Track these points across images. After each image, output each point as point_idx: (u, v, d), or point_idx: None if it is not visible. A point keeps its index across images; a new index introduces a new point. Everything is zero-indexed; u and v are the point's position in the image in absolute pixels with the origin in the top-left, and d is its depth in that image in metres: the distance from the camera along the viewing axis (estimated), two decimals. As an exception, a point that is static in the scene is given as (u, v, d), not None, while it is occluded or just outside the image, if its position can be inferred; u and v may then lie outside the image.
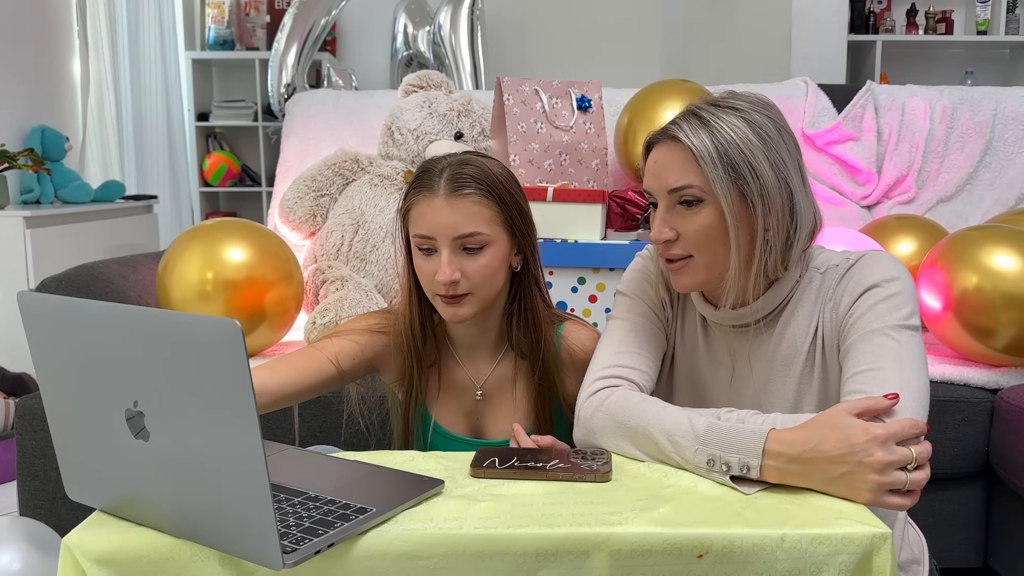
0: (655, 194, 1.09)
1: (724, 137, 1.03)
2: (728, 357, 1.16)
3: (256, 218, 4.07)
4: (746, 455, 0.92)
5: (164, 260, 1.91)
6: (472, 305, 1.18)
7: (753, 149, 1.03)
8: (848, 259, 1.11)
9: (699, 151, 1.03)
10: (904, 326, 1.02)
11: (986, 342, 1.75)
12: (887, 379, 0.98)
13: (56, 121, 3.30)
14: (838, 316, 1.08)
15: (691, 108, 1.08)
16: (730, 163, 1.03)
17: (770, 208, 1.04)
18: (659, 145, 1.09)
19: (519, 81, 2.18)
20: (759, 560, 0.81)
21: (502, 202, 1.18)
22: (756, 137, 1.03)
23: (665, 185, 1.07)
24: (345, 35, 4.61)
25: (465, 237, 1.15)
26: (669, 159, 1.07)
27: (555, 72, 2.76)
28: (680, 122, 1.06)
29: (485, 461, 0.99)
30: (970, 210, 2.46)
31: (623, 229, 2.09)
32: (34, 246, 2.61)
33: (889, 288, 1.04)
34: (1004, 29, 4.34)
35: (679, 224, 1.07)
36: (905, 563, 1.17)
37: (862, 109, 2.54)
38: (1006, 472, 1.71)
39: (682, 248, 1.08)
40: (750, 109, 1.06)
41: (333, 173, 2.34)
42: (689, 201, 1.06)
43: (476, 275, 1.16)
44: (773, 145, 1.04)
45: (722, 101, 1.07)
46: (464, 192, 1.16)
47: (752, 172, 1.03)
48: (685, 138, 1.04)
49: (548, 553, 0.81)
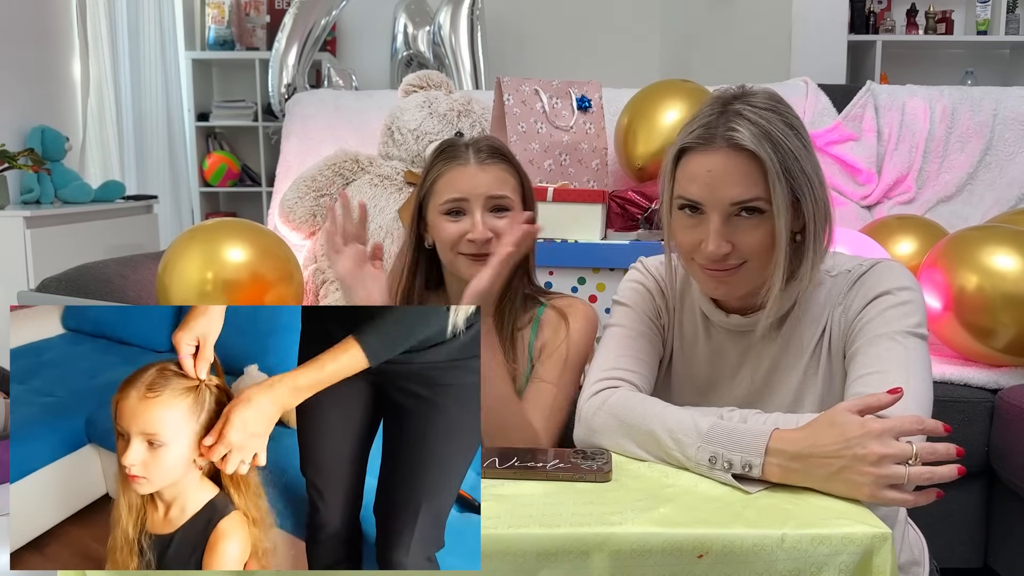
0: (708, 205, 1.01)
1: (784, 146, 0.98)
2: (730, 358, 1.16)
3: (256, 218, 4.07)
4: (749, 454, 0.92)
5: (164, 260, 1.91)
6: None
7: (801, 156, 1.00)
8: (861, 265, 1.10)
9: (769, 165, 0.97)
10: (912, 333, 1.02)
11: (986, 342, 1.75)
12: (891, 383, 0.98)
13: (56, 121, 3.29)
14: (847, 320, 1.08)
15: (730, 107, 1.00)
16: (789, 173, 0.99)
17: (817, 215, 1.02)
18: (711, 151, 1.00)
19: (519, 81, 2.18)
20: (759, 560, 0.81)
21: (520, 175, 1.31)
22: (799, 142, 1.00)
23: (727, 197, 1.00)
24: (345, 35, 4.61)
25: (497, 198, 1.26)
26: (731, 169, 0.99)
27: (555, 72, 2.76)
28: (735, 126, 0.98)
29: (485, 461, 0.99)
30: (970, 210, 2.46)
31: (623, 229, 2.09)
32: (34, 246, 2.61)
33: (900, 296, 1.04)
34: (1004, 29, 4.34)
35: (736, 236, 1.02)
36: (905, 564, 1.17)
37: (862, 109, 2.54)
38: (1006, 472, 1.71)
39: (737, 257, 1.03)
40: (783, 109, 1.02)
41: (333, 173, 2.34)
42: (750, 210, 1.00)
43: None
44: (809, 147, 1.02)
45: (757, 100, 1.01)
46: (494, 159, 1.28)
47: (807, 180, 1.00)
48: (755, 148, 0.97)
49: (548, 553, 0.81)
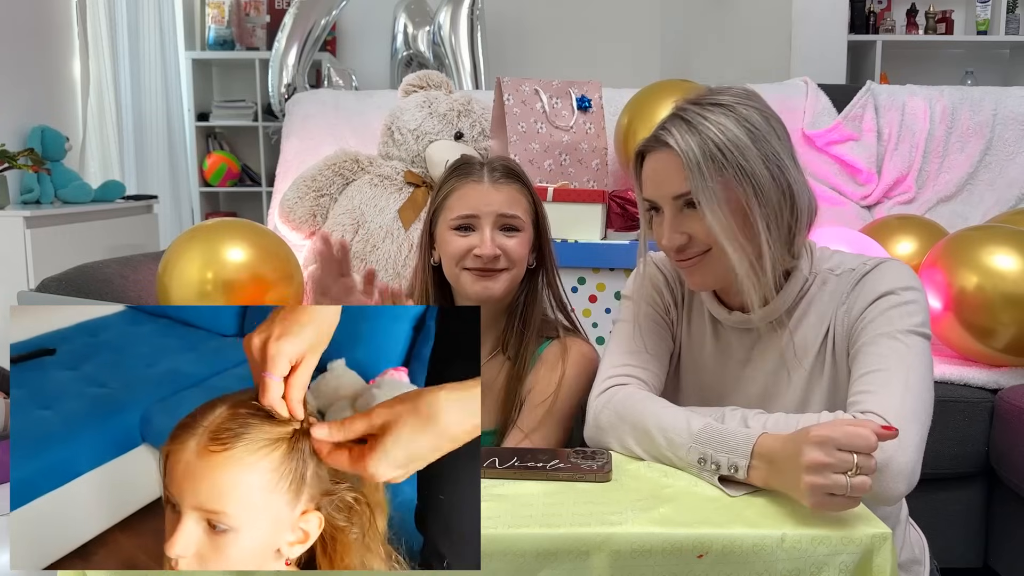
0: (659, 201, 1.08)
1: (713, 139, 1.02)
2: (737, 356, 1.16)
3: (256, 218, 4.07)
4: (735, 455, 0.93)
5: (164, 260, 1.91)
6: (504, 282, 1.27)
7: (742, 147, 1.02)
8: (865, 264, 1.10)
9: (686, 158, 1.02)
10: (915, 332, 1.02)
11: (986, 342, 1.75)
12: (892, 380, 0.98)
13: (56, 121, 3.29)
14: (850, 319, 1.08)
15: (677, 110, 1.07)
16: (720, 165, 1.02)
17: (767, 203, 1.03)
18: (653, 152, 1.08)
19: (519, 81, 2.18)
20: (759, 560, 0.81)
21: (533, 199, 1.32)
22: (744, 133, 1.02)
23: (667, 192, 1.06)
24: (345, 35, 4.61)
25: (508, 217, 1.27)
26: (666, 166, 1.06)
27: (555, 72, 2.76)
28: (668, 127, 1.05)
29: (485, 461, 0.99)
30: (970, 210, 2.46)
31: (623, 229, 2.09)
32: (34, 246, 2.61)
33: (904, 296, 1.05)
34: (1004, 29, 4.34)
35: (689, 227, 1.06)
36: (906, 563, 1.18)
37: (862, 109, 2.54)
38: (1006, 472, 1.71)
39: (697, 247, 1.07)
40: (735, 103, 1.05)
41: (333, 173, 2.34)
42: (693, 204, 1.05)
43: (513, 252, 1.27)
44: (762, 137, 1.03)
45: (705, 99, 1.06)
46: (508, 179, 1.29)
47: (742, 171, 1.02)
48: (675, 144, 1.03)
49: (548, 553, 0.81)
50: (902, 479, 0.93)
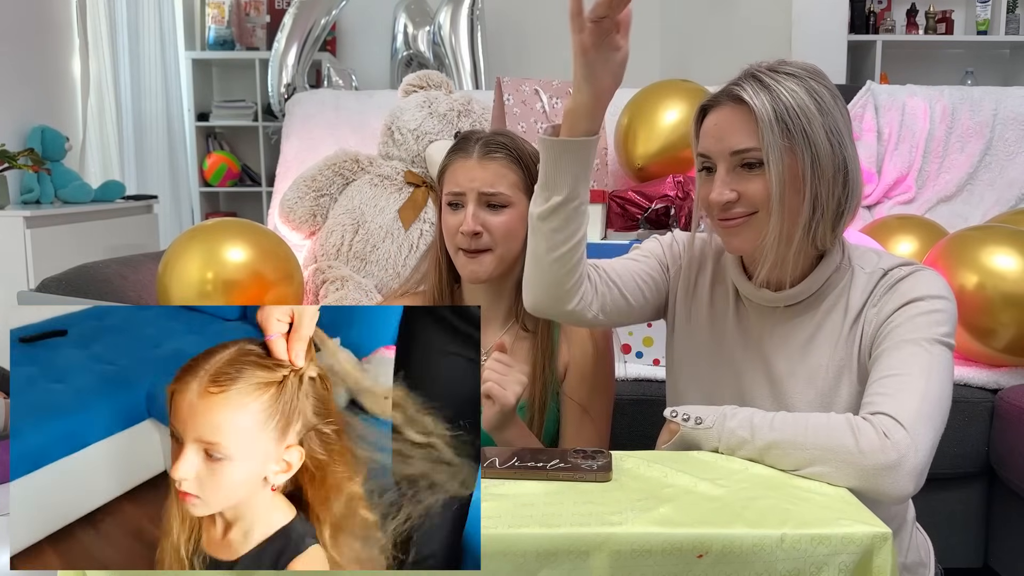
0: (715, 157, 1.08)
1: (784, 102, 1.03)
2: (756, 334, 1.16)
3: (256, 218, 4.07)
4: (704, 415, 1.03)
5: (164, 260, 1.91)
6: (491, 263, 1.27)
7: (810, 116, 1.03)
8: (902, 268, 1.10)
9: (760, 114, 1.03)
10: (939, 341, 1.03)
11: (986, 342, 1.75)
12: (910, 386, 0.99)
13: (56, 121, 3.29)
14: (878, 321, 1.08)
15: (751, 71, 1.08)
16: (787, 128, 1.02)
17: (821, 176, 1.04)
18: (719, 107, 1.08)
19: (519, 81, 2.18)
20: (759, 560, 0.81)
21: (527, 170, 1.28)
22: (814, 104, 1.04)
23: (728, 147, 1.06)
24: (345, 35, 4.61)
25: (490, 194, 1.26)
26: (732, 121, 1.06)
27: (555, 72, 2.75)
28: (743, 83, 1.06)
29: (485, 461, 0.99)
30: (970, 210, 2.46)
31: (623, 229, 2.09)
32: (34, 246, 2.61)
33: (933, 304, 1.05)
34: (1004, 29, 4.34)
35: (741, 186, 1.06)
36: (912, 566, 1.18)
37: (862, 109, 2.54)
38: (1006, 472, 1.71)
39: (744, 206, 1.07)
40: (806, 76, 1.06)
41: (333, 173, 2.34)
42: (751, 164, 1.05)
43: (496, 230, 1.26)
44: (828, 110, 1.04)
45: (779, 67, 1.07)
46: (494, 155, 1.28)
47: (806, 139, 1.03)
48: (750, 100, 1.04)
49: (548, 553, 0.81)
50: (911, 479, 0.94)
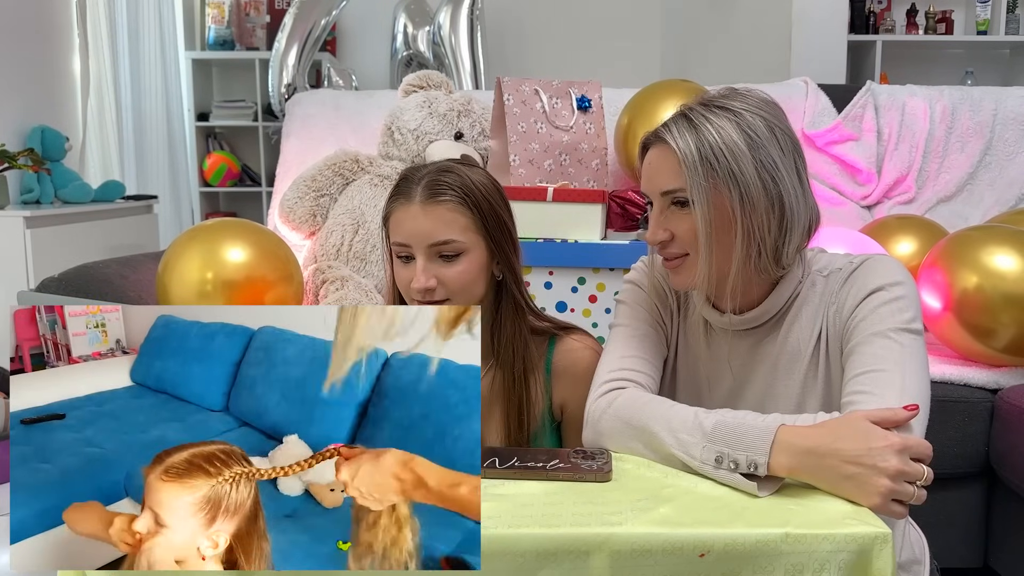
0: (650, 195, 1.11)
1: (709, 141, 1.03)
2: (731, 360, 1.16)
3: (256, 218, 4.07)
4: (754, 452, 0.92)
5: (164, 260, 1.91)
6: None
7: (738, 153, 1.03)
8: (852, 262, 1.11)
9: (683, 156, 1.04)
10: (907, 329, 1.02)
11: (986, 342, 1.75)
12: (888, 381, 0.98)
13: (56, 121, 3.29)
14: (841, 319, 1.08)
15: (682, 109, 1.09)
16: (711, 168, 1.03)
17: (753, 211, 1.04)
18: (653, 146, 1.10)
19: (519, 81, 2.18)
20: (760, 559, 0.81)
21: (478, 210, 1.17)
22: (744, 140, 1.03)
23: (658, 187, 1.08)
24: (345, 35, 4.61)
25: (440, 244, 1.15)
26: (660, 161, 1.08)
27: (555, 72, 2.76)
28: (670, 124, 1.07)
29: (485, 461, 0.99)
30: (970, 210, 2.47)
31: (623, 229, 2.09)
32: (34, 246, 2.61)
33: (893, 292, 1.04)
34: (1004, 29, 4.34)
35: (672, 225, 1.08)
36: (906, 563, 1.17)
37: (862, 109, 2.54)
38: (1006, 472, 1.71)
39: (678, 247, 1.09)
40: (743, 110, 1.05)
41: (333, 173, 2.34)
42: (681, 202, 1.06)
43: (453, 282, 1.16)
44: (761, 145, 1.04)
45: (715, 101, 1.08)
46: (440, 199, 1.15)
47: (732, 177, 1.03)
48: (672, 141, 1.05)
49: (548, 553, 0.81)
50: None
